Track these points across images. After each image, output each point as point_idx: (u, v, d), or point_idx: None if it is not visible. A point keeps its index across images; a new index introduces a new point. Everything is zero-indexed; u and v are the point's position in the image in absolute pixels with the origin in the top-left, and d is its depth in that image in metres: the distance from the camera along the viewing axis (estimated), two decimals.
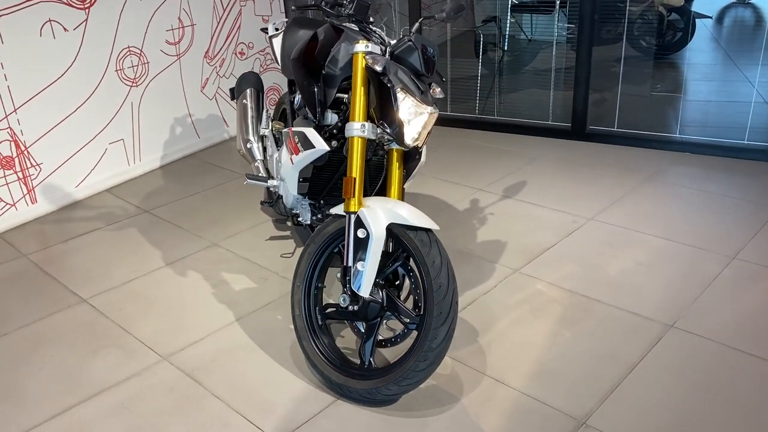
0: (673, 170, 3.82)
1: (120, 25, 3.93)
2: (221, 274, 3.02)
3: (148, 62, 4.14)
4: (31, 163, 3.65)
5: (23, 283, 3.03)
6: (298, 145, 2.36)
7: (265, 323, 2.64)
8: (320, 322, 2.29)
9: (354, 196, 2.13)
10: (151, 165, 4.30)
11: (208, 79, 4.55)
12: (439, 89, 2.30)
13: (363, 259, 2.09)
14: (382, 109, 2.12)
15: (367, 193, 2.44)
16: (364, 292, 2.10)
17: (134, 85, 4.10)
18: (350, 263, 2.11)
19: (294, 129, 2.38)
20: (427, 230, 2.11)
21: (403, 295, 2.32)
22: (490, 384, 2.24)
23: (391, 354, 2.37)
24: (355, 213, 2.11)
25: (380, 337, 2.26)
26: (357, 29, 2.36)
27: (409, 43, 2.15)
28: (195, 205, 3.76)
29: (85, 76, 3.81)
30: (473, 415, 2.11)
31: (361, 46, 2.15)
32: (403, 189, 2.39)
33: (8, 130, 3.50)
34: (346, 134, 2.16)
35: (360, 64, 2.14)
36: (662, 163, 3.93)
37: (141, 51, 4.09)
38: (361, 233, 2.10)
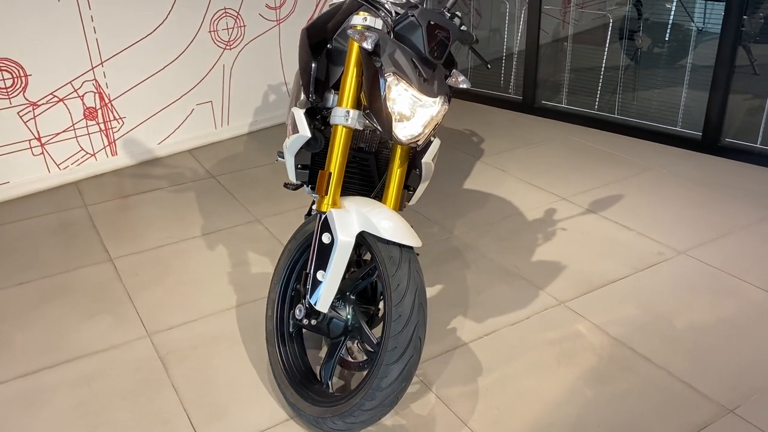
0: None
1: None
2: (247, 253, 2.86)
3: (244, 25, 4.07)
4: (114, 116, 3.73)
5: (68, 233, 3.09)
6: (289, 127, 2.09)
7: (262, 315, 2.43)
8: (291, 329, 2.03)
9: (326, 194, 1.83)
10: (238, 130, 4.25)
11: None
12: (463, 77, 1.90)
13: (324, 269, 1.79)
14: (371, 95, 1.78)
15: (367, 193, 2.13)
16: (321, 306, 1.80)
17: (228, 47, 4.05)
18: (311, 271, 1.82)
19: (293, 108, 2.12)
20: (403, 246, 1.76)
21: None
22: None
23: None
24: (324, 213, 1.82)
25: (349, 358, 1.96)
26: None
27: (411, 18, 1.77)
28: (259, 176, 3.64)
29: (176, 34, 3.81)
30: None
31: (359, 19, 1.82)
32: (406, 193, 2.06)
33: (93, 82, 3.59)
34: (330, 121, 1.86)
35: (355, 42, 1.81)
36: None
37: (238, 13, 4.01)
38: (326, 238, 1.80)
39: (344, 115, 1.82)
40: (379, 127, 1.77)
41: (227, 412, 1.99)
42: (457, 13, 2.07)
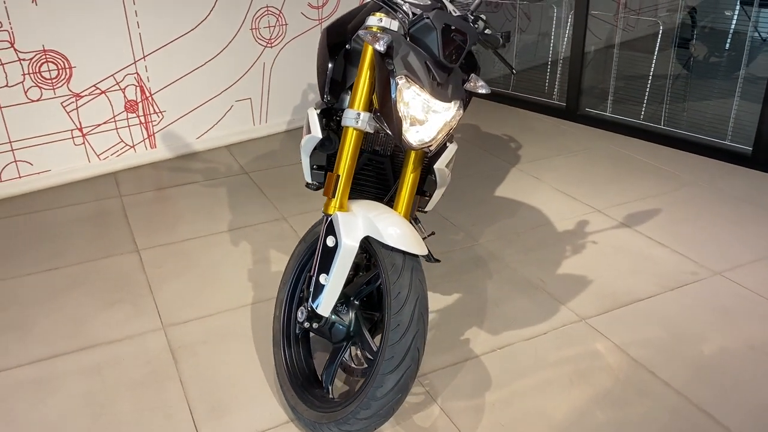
0: None
1: None
2: (269, 251, 2.86)
3: (286, 24, 4.09)
4: (154, 110, 3.80)
5: (100, 222, 3.16)
6: (305, 127, 2.07)
7: None
8: (297, 331, 2.02)
9: (333, 197, 1.80)
10: (276, 128, 4.28)
11: None
12: (482, 83, 1.85)
13: (327, 272, 1.77)
14: (382, 98, 1.74)
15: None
16: (323, 310, 1.78)
17: (269, 45, 4.08)
18: (314, 273, 1.80)
19: (309, 108, 2.10)
20: (407, 254, 1.71)
21: None
22: None
23: None
24: (330, 216, 1.79)
25: (353, 365, 1.93)
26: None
27: (426, 20, 1.73)
28: (291, 175, 3.65)
29: (218, 31, 3.85)
30: None
31: (374, 20, 1.79)
32: (422, 199, 2.01)
33: (135, 75, 3.67)
34: (342, 123, 1.83)
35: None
36: None
37: (280, 12, 4.04)
38: (330, 241, 1.77)
39: (355, 117, 1.79)
40: (389, 131, 1.74)
41: (229, 409, 1.99)
42: (482, 16, 2.01)
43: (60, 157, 3.57)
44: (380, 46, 1.70)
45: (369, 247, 1.77)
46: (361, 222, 1.76)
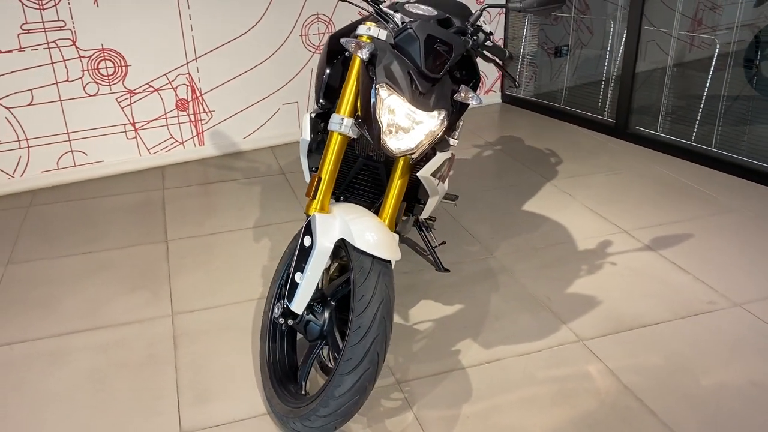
0: None
1: None
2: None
3: None
4: (203, 109, 3.98)
5: (140, 213, 3.35)
6: (300, 130, 2.14)
7: None
8: (283, 327, 2.08)
9: (314, 198, 1.85)
10: None
11: None
12: (472, 94, 1.86)
13: (302, 271, 1.82)
14: (364, 105, 1.79)
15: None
16: (296, 307, 1.83)
17: (317, 51, 4.19)
18: (291, 271, 1.86)
19: (306, 113, 2.16)
20: (377, 258, 1.74)
21: None
22: None
23: None
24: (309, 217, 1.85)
25: (329, 364, 1.97)
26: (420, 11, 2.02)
27: (410, 30, 1.75)
28: None
29: (268, 36, 4.00)
30: None
31: (364, 28, 1.84)
32: (417, 206, 2.04)
33: (187, 75, 3.86)
34: (328, 127, 1.88)
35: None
36: None
37: (330, 19, 4.14)
38: (307, 241, 1.82)
39: (339, 122, 1.84)
40: (369, 137, 1.78)
41: (214, 398, 2.07)
42: (484, 28, 2.02)
43: (113, 149, 3.81)
44: (363, 54, 1.75)
45: (344, 249, 1.81)
46: (338, 224, 1.80)
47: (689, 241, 2.93)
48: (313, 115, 2.07)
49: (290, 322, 1.89)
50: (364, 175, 2.15)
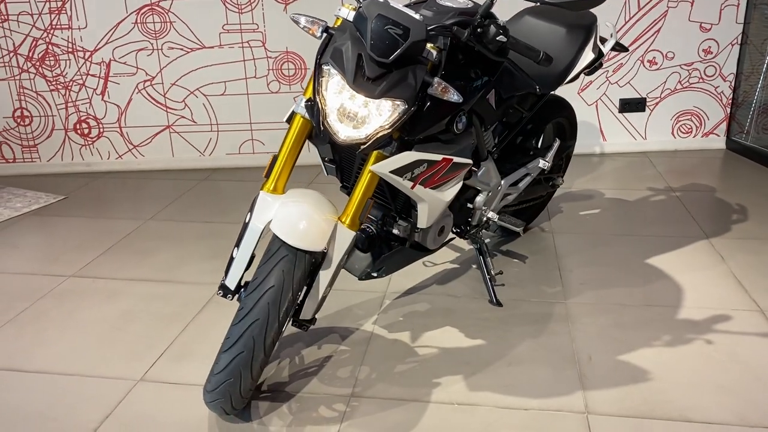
0: None
1: None
2: None
3: None
4: None
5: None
6: None
7: None
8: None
9: (267, 177, 1.82)
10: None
11: (592, 81, 4.05)
12: (452, 90, 1.65)
13: (238, 247, 1.80)
14: (313, 86, 1.70)
15: None
16: (229, 282, 1.82)
17: None
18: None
19: None
20: (285, 244, 1.65)
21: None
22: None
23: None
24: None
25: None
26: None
27: (360, 9, 1.61)
28: None
29: None
30: None
31: (345, 11, 1.75)
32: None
33: None
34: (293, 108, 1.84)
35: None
36: None
37: None
38: (248, 218, 1.80)
39: (299, 104, 1.79)
40: (312, 120, 1.69)
41: (190, 358, 2.16)
42: (496, 20, 1.79)
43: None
44: (317, 33, 1.68)
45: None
46: (277, 206, 1.75)
47: None
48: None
49: (230, 297, 1.88)
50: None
